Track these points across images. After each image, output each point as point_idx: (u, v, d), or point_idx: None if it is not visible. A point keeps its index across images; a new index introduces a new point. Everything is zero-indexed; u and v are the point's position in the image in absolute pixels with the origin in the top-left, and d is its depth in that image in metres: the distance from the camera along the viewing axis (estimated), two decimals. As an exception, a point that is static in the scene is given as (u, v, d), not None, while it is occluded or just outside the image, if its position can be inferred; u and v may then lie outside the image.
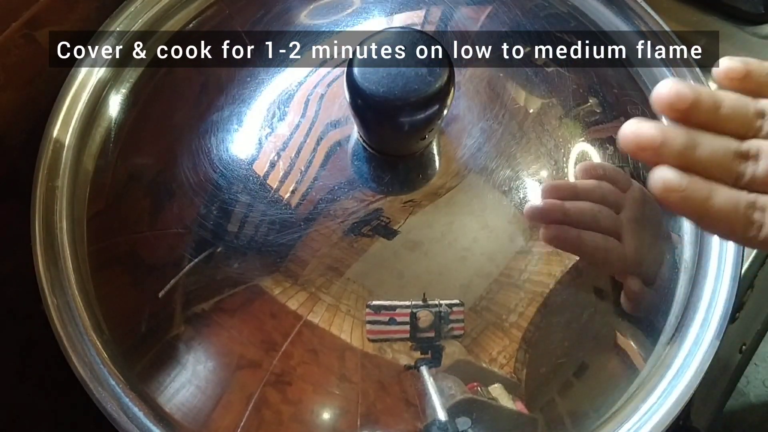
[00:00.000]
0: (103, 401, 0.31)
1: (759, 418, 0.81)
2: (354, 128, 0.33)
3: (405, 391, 0.30)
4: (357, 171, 0.32)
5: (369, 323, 0.30)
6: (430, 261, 0.31)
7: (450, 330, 0.31)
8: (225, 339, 0.32)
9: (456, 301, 0.31)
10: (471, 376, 0.30)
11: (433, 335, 0.30)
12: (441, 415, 0.30)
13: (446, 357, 0.30)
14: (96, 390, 0.31)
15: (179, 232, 0.33)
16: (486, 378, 0.31)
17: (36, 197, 0.34)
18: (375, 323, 0.30)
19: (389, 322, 0.31)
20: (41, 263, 0.33)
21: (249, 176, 0.33)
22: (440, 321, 0.30)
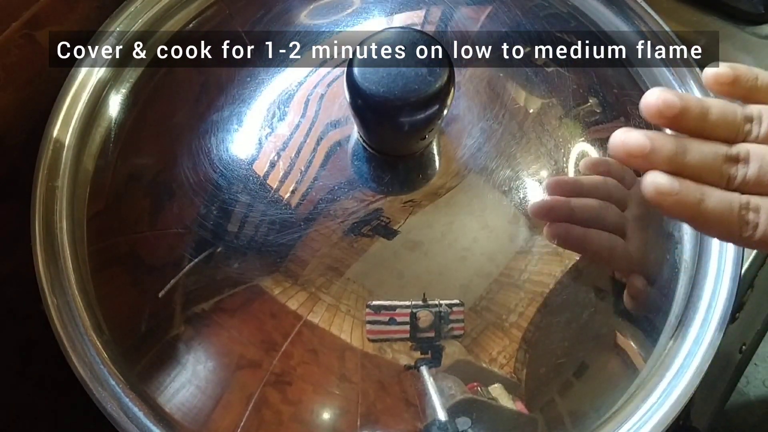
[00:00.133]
0: (103, 401, 0.31)
1: (759, 418, 0.81)
2: (354, 128, 0.33)
3: (405, 391, 0.30)
4: (357, 171, 0.32)
5: (369, 323, 0.30)
6: (430, 261, 0.31)
7: (450, 330, 0.31)
8: (225, 339, 0.32)
9: (456, 301, 0.31)
10: (471, 376, 0.30)
11: (433, 335, 0.30)
12: (441, 415, 0.30)
13: (446, 357, 0.30)
14: (96, 390, 0.31)
15: (179, 232, 0.33)
16: (486, 378, 0.31)
17: (36, 197, 0.34)
18: (375, 323, 0.30)
19: (389, 322, 0.30)
20: (41, 263, 0.33)
21: (249, 176, 0.33)
22: (440, 321, 0.30)
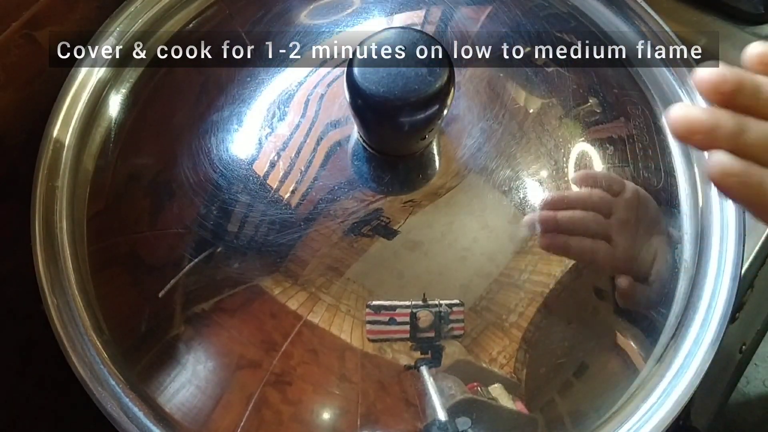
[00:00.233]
0: (103, 401, 0.31)
1: (759, 418, 0.81)
2: (354, 128, 0.33)
3: (405, 391, 0.30)
4: (357, 171, 0.32)
5: (369, 323, 0.30)
6: (430, 261, 0.31)
7: (450, 330, 0.31)
8: (225, 339, 0.32)
9: (456, 301, 0.31)
10: (471, 376, 0.30)
11: (433, 335, 0.30)
12: (441, 415, 0.30)
13: (446, 357, 0.30)
14: (96, 390, 0.31)
15: (179, 232, 0.33)
16: (486, 378, 0.31)
17: (36, 197, 0.34)
18: (375, 323, 0.30)
19: (389, 322, 0.30)
20: (41, 263, 0.33)
21: (249, 176, 0.33)
22: (440, 321, 0.30)
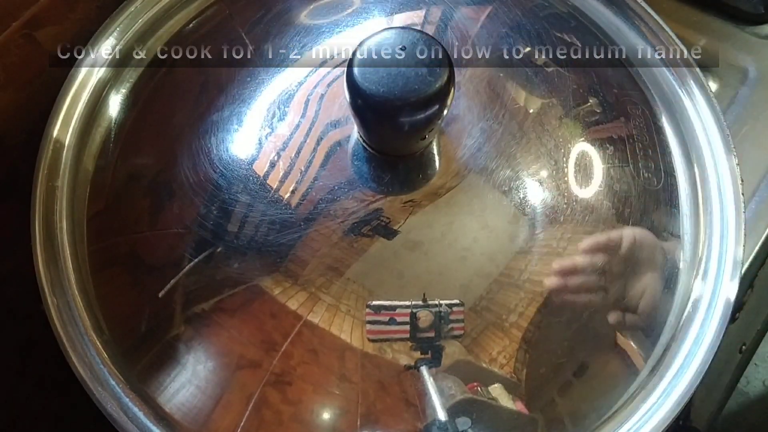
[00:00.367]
0: (103, 401, 0.31)
1: (759, 418, 0.81)
2: (354, 128, 0.33)
3: (405, 391, 0.30)
4: (357, 171, 0.32)
5: (369, 323, 0.30)
6: (430, 261, 0.31)
7: (450, 330, 0.31)
8: (225, 339, 0.32)
9: (456, 301, 0.31)
10: (471, 376, 0.30)
11: (433, 335, 0.30)
12: (441, 415, 0.30)
13: (446, 357, 0.30)
14: (96, 390, 0.31)
15: (179, 232, 0.33)
16: (486, 378, 0.31)
17: (36, 197, 0.34)
18: (375, 323, 0.30)
19: (389, 322, 0.30)
20: (41, 263, 0.33)
21: (249, 176, 0.33)
22: (440, 321, 0.30)
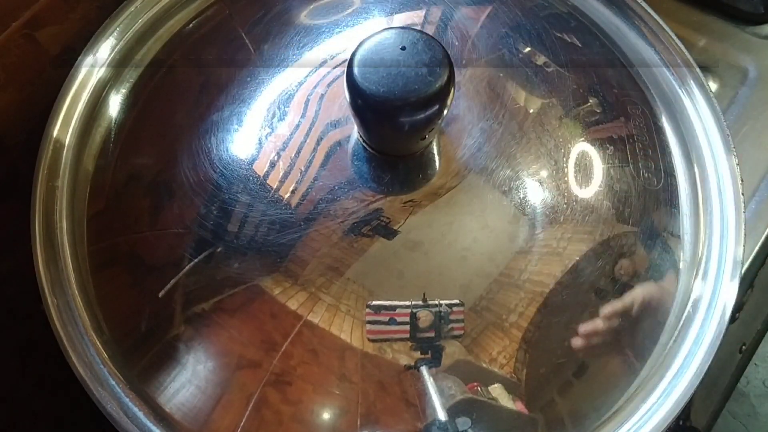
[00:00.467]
0: (103, 401, 0.31)
1: (759, 419, 0.81)
2: (354, 128, 0.33)
3: (405, 391, 0.30)
4: (357, 171, 0.32)
5: (369, 323, 0.30)
6: (430, 261, 0.31)
7: (450, 330, 0.31)
8: (225, 339, 0.32)
9: (456, 301, 0.31)
10: (471, 376, 0.30)
11: (433, 335, 0.30)
12: (441, 415, 0.30)
13: (446, 357, 0.30)
14: (96, 390, 0.31)
15: (179, 232, 0.33)
16: (486, 378, 0.31)
17: (36, 197, 0.34)
18: (375, 323, 0.30)
19: (389, 322, 0.30)
20: (41, 263, 0.33)
21: (249, 176, 0.33)
22: (440, 321, 0.30)
